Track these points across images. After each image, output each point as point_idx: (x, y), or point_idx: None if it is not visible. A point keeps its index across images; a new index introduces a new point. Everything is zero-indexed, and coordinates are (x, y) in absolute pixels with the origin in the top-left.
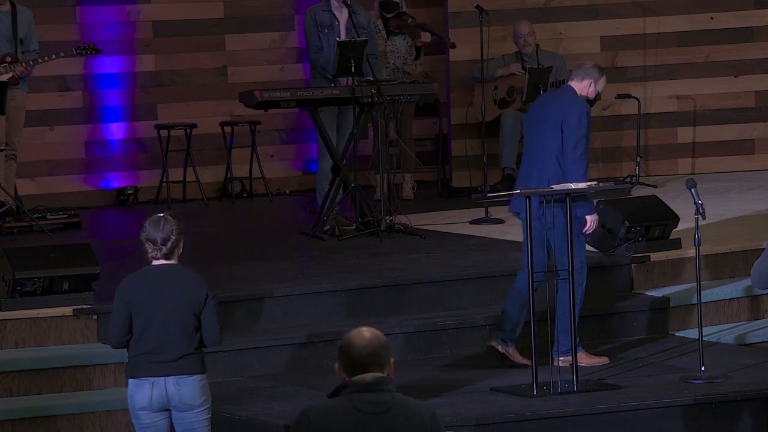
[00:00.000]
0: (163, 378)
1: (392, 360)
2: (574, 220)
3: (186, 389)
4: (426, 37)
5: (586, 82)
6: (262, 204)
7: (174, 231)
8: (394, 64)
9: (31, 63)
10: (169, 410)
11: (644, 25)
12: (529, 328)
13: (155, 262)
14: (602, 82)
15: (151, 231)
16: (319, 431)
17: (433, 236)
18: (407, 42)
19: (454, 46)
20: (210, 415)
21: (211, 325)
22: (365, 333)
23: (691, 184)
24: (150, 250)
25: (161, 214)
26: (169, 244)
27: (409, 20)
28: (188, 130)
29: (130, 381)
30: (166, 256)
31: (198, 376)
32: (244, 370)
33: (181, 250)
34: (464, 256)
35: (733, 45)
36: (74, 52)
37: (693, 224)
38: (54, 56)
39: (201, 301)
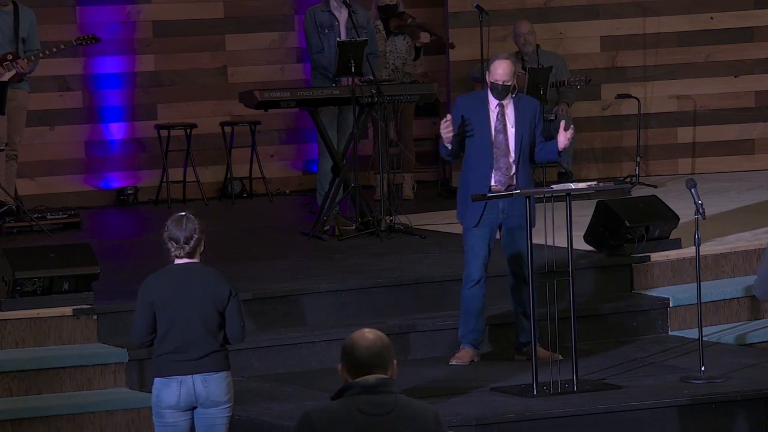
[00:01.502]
0: (190, 376)
1: (395, 361)
2: None
3: (213, 386)
4: (425, 37)
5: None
6: (262, 204)
7: (196, 229)
8: (393, 64)
9: (33, 57)
10: (192, 410)
11: (644, 25)
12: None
13: (178, 261)
14: (493, 70)
15: (174, 230)
16: None
17: (433, 236)
18: (407, 42)
19: (453, 47)
20: (231, 414)
21: (234, 323)
22: (368, 334)
23: (691, 184)
24: (173, 249)
25: (183, 213)
26: (192, 242)
27: (409, 20)
28: (188, 130)
29: (157, 380)
30: (189, 255)
31: (224, 373)
32: (244, 370)
33: (203, 249)
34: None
35: (733, 45)
36: (74, 43)
37: (693, 224)
38: (54, 49)
39: (224, 298)
